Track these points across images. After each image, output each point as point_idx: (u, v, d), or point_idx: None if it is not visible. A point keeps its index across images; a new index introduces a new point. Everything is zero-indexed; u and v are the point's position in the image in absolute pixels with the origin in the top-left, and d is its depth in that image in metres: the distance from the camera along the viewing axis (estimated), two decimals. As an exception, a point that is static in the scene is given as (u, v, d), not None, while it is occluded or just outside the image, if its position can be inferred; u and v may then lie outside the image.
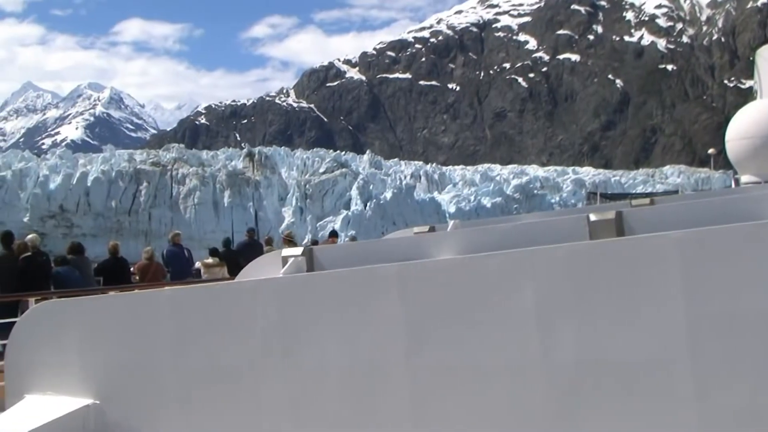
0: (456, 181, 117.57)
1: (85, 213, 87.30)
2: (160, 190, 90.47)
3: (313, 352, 3.36)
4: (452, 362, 3.09)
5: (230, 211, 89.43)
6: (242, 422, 3.54)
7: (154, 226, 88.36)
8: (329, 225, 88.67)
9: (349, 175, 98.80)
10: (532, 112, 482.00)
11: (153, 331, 3.89)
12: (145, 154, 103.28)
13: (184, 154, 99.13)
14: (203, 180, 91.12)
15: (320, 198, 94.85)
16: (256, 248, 19.76)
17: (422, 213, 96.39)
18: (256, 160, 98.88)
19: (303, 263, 4.30)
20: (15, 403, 4.23)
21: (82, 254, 16.67)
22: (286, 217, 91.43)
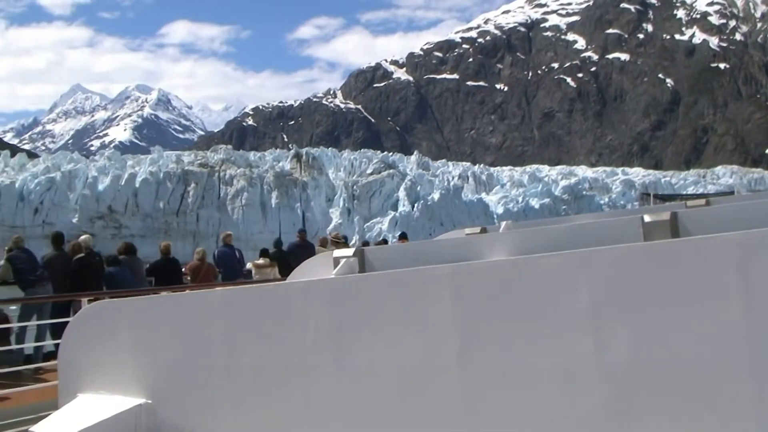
0: (504, 182, 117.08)
1: (134, 214, 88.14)
2: (208, 191, 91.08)
3: (365, 354, 3.33)
4: (505, 364, 3.05)
5: (277, 212, 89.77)
6: (292, 423, 3.53)
7: (202, 227, 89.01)
8: (376, 226, 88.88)
9: (397, 176, 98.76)
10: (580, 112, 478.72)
11: (204, 331, 3.89)
12: (193, 156, 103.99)
13: (231, 156, 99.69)
14: (251, 181, 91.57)
15: (367, 199, 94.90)
16: (307, 249, 19.78)
17: (470, 214, 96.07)
18: (304, 161, 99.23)
19: (355, 264, 4.28)
20: (68, 402, 4.26)
21: (134, 254, 16.84)
22: (334, 218, 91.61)
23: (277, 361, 3.58)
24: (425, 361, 3.19)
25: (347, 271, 4.21)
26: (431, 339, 3.18)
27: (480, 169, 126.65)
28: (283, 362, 3.57)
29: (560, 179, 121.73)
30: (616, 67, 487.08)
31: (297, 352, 3.52)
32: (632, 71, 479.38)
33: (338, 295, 3.49)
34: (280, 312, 3.61)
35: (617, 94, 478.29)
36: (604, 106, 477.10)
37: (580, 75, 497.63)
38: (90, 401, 4.19)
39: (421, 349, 3.21)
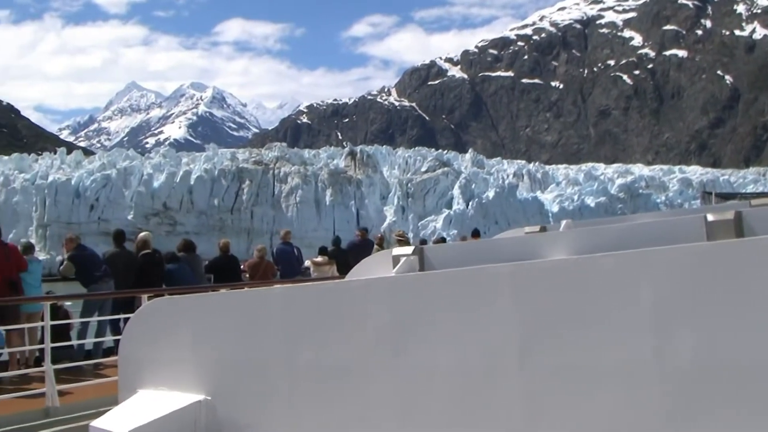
0: (559, 181, 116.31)
1: (188, 211, 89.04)
2: (263, 188, 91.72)
3: (425, 352, 3.30)
4: (566, 365, 3.00)
5: (332, 209, 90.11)
6: (350, 420, 3.51)
7: (257, 225, 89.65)
8: (431, 224, 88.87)
9: (451, 174, 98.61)
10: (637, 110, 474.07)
11: (264, 328, 3.89)
12: (248, 153, 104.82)
13: (286, 153, 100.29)
14: (305, 178, 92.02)
15: (422, 197, 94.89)
16: (367, 247, 19.75)
17: (525, 212, 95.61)
18: (358, 159, 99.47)
19: (416, 262, 4.26)
20: (128, 398, 4.29)
21: (194, 252, 16.98)
22: (388, 216, 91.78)
23: (336, 359, 3.57)
24: (485, 360, 3.16)
25: (407, 270, 4.18)
26: (492, 338, 3.15)
27: (535, 167, 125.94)
28: (342, 360, 3.56)
29: (616, 177, 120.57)
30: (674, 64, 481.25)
31: (356, 350, 3.50)
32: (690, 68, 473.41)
33: (398, 293, 3.46)
34: (339, 310, 3.60)
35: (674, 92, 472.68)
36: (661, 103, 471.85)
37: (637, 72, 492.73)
38: (150, 397, 4.21)
39: (482, 348, 3.17)
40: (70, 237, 15.23)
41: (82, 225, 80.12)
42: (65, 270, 14.44)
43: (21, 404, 10.45)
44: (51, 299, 11.99)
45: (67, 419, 9.74)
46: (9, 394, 10.86)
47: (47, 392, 10.28)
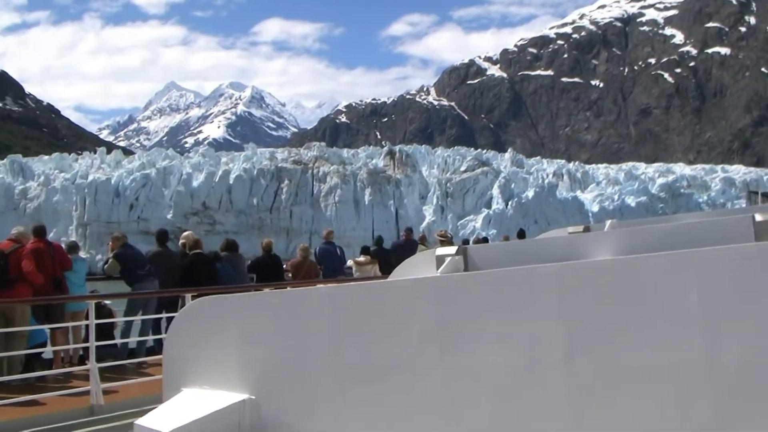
0: (599, 180, 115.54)
1: (227, 210, 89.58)
2: (302, 188, 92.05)
3: (470, 352, 3.29)
4: (612, 365, 2.97)
5: (371, 209, 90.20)
6: (395, 420, 3.51)
7: (295, 224, 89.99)
8: (470, 224, 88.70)
9: (491, 174, 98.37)
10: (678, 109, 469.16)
11: (309, 327, 3.89)
12: (287, 153, 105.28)
13: (325, 153, 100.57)
14: (344, 178, 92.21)
15: (461, 196, 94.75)
16: (411, 247, 19.64)
17: (564, 212, 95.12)
18: (397, 159, 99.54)
19: (460, 262, 4.25)
20: (172, 396, 4.31)
21: (237, 251, 17.04)
22: (427, 215, 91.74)
23: (381, 358, 3.57)
24: (531, 361, 3.14)
25: (452, 270, 4.16)
26: (537, 339, 3.13)
27: (575, 166, 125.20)
28: (387, 360, 3.55)
29: (657, 177, 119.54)
30: (716, 62, 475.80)
31: (401, 350, 3.50)
32: (733, 65, 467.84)
33: (444, 293, 3.45)
34: (384, 310, 3.60)
35: (717, 90, 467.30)
36: (703, 101, 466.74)
37: (679, 70, 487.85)
38: (194, 396, 4.23)
39: (528, 348, 3.16)
40: (116, 236, 15.35)
41: (121, 224, 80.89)
42: (110, 268, 14.56)
43: (66, 402, 10.52)
44: (96, 298, 12.09)
45: (111, 417, 9.82)
46: (54, 392, 10.95)
47: (92, 390, 10.36)
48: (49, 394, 10.92)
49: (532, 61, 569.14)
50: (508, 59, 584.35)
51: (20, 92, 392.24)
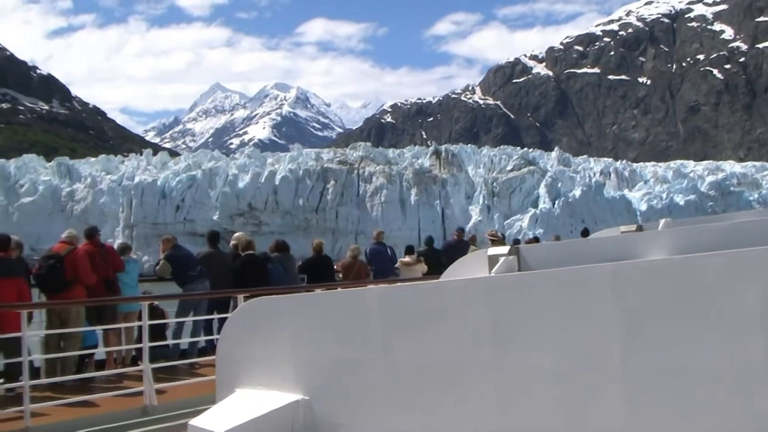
0: (647, 179, 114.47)
1: (273, 211, 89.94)
2: (347, 188, 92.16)
3: (524, 353, 3.28)
4: (669, 366, 2.94)
5: (417, 209, 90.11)
6: (449, 421, 3.51)
7: (341, 224, 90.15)
8: (516, 223, 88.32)
9: (537, 173, 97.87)
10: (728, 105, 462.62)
11: (362, 328, 3.90)
12: (332, 153, 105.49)
13: (370, 153, 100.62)
14: (390, 178, 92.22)
15: (507, 196, 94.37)
16: (462, 248, 19.55)
17: (612, 211, 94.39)
18: (443, 158, 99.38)
19: (514, 262, 4.23)
20: (226, 397, 4.35)
21: (287, 252, 17.10)
22: (473, 215, 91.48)
23: (435, 359, 3.57)
24: (586, 361, 3.12)
25: (506, 270, 4.15)
26: (593, 339, 3.11)
27: (622, 165, 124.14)
28: (440, 360, 3.55)
29: (706, 175, 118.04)
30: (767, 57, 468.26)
31: (455, 350, 3.49)
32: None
33: (497, 293, 3.44)
34: (437, 310, 3.59)
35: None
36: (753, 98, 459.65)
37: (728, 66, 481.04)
38: (247, 396, 4.26)
39: (583, 348, 3.14)
40: (166, 237, 15.50)
41: (167, 226, 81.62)
42: (161, 270, 14.71)
43: (119, 403, 10.65)
44: (149, 299, 12.22)
45: (165, 418, 9.90)
46: (107, 392, 11.08)
47: (145, 391, 10.46)
48: (102, 394, 11.06)
49: (578, 59, 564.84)
50: (553, 57, 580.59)
51: (67, 95, 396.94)
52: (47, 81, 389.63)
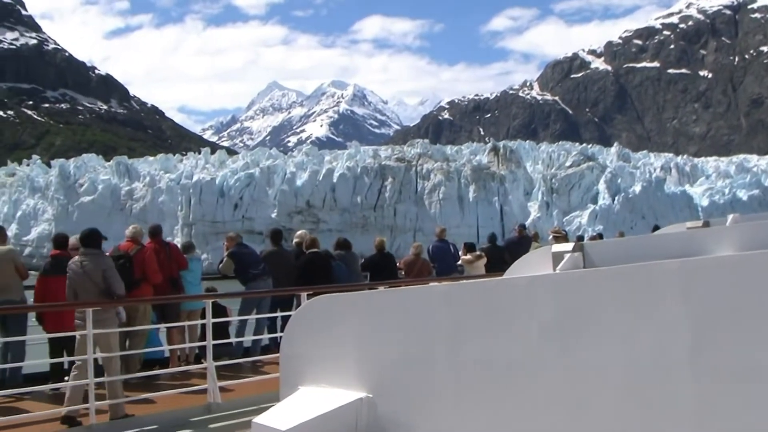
0: (709, 173, 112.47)
1: (331, 209, 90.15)
2: (405, 185, 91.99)
3: (591, 350, 3.25)
4: (740, 363, 2.90)
5: (475, 205, 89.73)
6: (515, 419, 3.49)
7: (399, 222, 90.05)
8: (576, 220, 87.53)
9: (596, 169, 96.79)
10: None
11: (427, 325, 3.90)
12: (390, 150, 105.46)
13: (428, 150, 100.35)
14: (448, 175, 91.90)
15: (566, 192, 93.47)
16: (524, 244, 19.64)
17: (673, 207, 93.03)
18: (501, 155, 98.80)
19: (579, 259, 4.20)
20: (290, 394, 4.37)
21: (350, 249, 17.15)
22: (532, 211, 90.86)
23: (500, 356, 3.55)
24: (654, 359, 3.08)
25: (571, 267, 4.12)
26: (661, 336, 3.07)
27: (683, 159, 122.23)
28: (506, 358, 3.54)
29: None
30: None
31: (521, 347, 3.48)
32: None
33: (563, 290, 3.42)
34: (503, 307, 3.58)
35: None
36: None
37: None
38: (311, 394, 4.28)
39: (651, 346, 3.10)
40: (230, 235, 15.62)
41: (226, 224, 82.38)
42: (225, 267, 14.84)
43: (184, 400, 10.77)
44: (212, 297, 12.32)
45: (229, 415, 10.00)
46: (172, 390, 11.21)
47: (209, 388, 10.58)
48: (167, 392, 11.19)
49: (637, 53, 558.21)
50: (612, 52, 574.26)
51: (125, 95, 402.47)
52: (106, 81, 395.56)
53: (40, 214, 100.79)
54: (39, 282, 12.08)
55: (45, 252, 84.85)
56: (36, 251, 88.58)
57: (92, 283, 10.57)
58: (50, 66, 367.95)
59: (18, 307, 12.04)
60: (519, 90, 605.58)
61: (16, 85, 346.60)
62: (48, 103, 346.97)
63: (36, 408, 10.20)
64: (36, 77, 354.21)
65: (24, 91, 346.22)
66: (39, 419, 9.60)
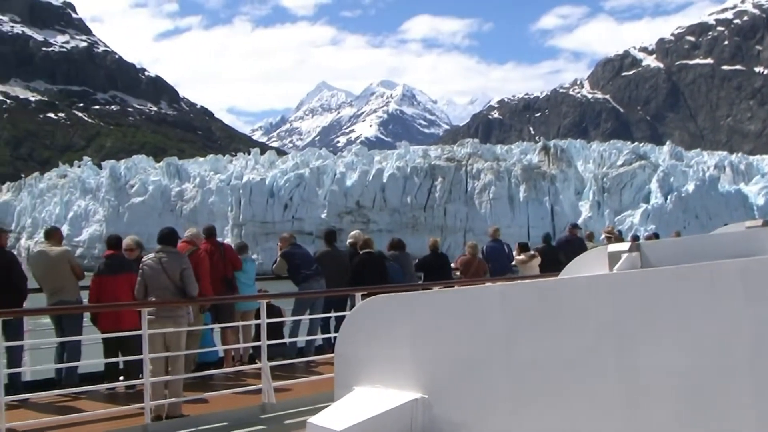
0: (765, 172, 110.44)
1: (381, 209, 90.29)
2: (455, 185, 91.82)
3: (651, 352, 3.22)
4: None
5: (525, 205, 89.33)
6: (572, 421, 3.47)
7: (449, 222, 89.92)
8: (628, 219, 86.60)
9: (648, 168, 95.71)
10: None
11: (483, 326, 3.88)
12: (440, 150, 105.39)
13: (478, 149, 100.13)
14: (498, 174, 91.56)
15: (618, 191, 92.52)
16: (578, 244, 19.56)
17: (727, 206, 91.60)
18: (552, 154, 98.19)
19: (637, 259, 4.17)
20: (344, 395, 4.39)
21: (404, 250, 17.12)
22: (583, 211, 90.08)
23: (557, 357, 3.54)
24: (715, 360, 3.05)
25: (629, 267, 4.11)
26: (722, 337, 3.04)
27: (738, 158, 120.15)
28: (563, 358, 3.52)
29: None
30: None
31: (579, 348, 3.46)
32: None
33: (622, 290, 3.40)
34: (560, 307, 3.56)
35: None
36: None
37: None
38: (366, 394, 4.29)
39: (711, 347, 3.07)
40: (284, 236, 15.70)
41: (276, 224, 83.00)
42: (278, 267, 14.92)
43: (238, 400, 10.85)
44: (267, 297, 12.40)
45: (283, 416, 10.06)
46: (226, 390, 11.30)
47: (263, 389, 10.64)
48: (221, 392, 11.29)
49: (690, 49, 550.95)
50: (664, 49, 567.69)
51: (175, 96, 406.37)
52: (155, 83, 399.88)
53: (91, 215, 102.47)
54: (94, 282, 12.21)
55: (96, 253, 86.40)
56: (87, 252, 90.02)
57: (170, 280, 10.80)
58: (100, 68, 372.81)
59: (76, 307, 12.25)
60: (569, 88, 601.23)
61: (67, 88, 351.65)
62: (98, 105, 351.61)
63: (91, 407, 10.30)
64: (86, 79, 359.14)
65: (75, 93, 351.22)
66: (94, 418, 9.72)
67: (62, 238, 13.53)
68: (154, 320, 10.39)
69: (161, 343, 10.41)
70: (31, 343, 12.60)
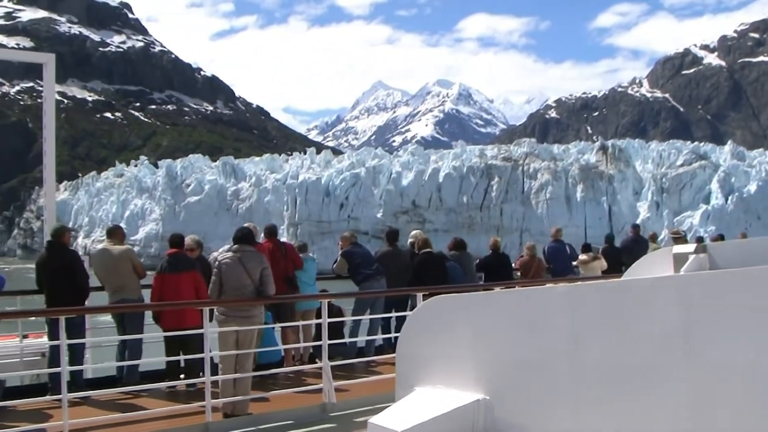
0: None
1: (437, 208, 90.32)
2: (512, 185, 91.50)
3: (719, 353, 3.20)
4: None
5: (583, 205, 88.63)
6: (639, 422, 3.45)
7: (506, 222, 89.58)
8: (687, 220, 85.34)
9: (709, 168, 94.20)
10: None
11: (545, 327, 3.88)
12: (496, 149, 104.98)
13: (535, 149, 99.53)
14: (555, 174, 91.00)
15: (677, 192, 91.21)
16: (641, 245, 19.38)
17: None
18: (610, 154, 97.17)
19: (705, 261, 4.14)
20: (406, 395, 4.40)
21: (465, 250, 17.02)
22: (641, 212, 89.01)
23: (623, 358, 3.52)
24: None
25: (696, 268, 4.07)
26: None
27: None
28: (627, 360, 3.50)
29: None
30: None
31: (644, 349, 3.44)
32: None
33: (689, 292, 3.37)
34: (625, 309, 3.55)
35: None
36: None
37: None
38: (427, 395, 4.30)
39: None
40: (345, 235, 15.70)
41: (332, 223, 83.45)
42: (339, 267, 14.96)
43: (299, 399, 10.91)
44: (328, 297, 12.46)
45: (344, 415, 10.08)
46: (286, 389, 11.35)
47: (324, 388, 10.67)
48: (282, 391, 11.35)
49: (753, 47, 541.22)
50: (726, 46, 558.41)
51: (230, 95, 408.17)
52: (211, 82, 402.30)
53: (147, 214, 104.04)
54: (156, 280, 12.32)
55: (152, 251, 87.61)
56: (144, 251, 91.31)
57: (250, 279, 10.89)
58: (156, 68, 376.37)
59: (138, 305, 12.42)
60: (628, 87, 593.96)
61: (123, 87, 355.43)
62: (155, 105, 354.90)
63: (152, 405, 10.43)
64: (143, 79, 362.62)
65: (131, 93, 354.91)
66: (155, 416, 9.83)
67: (124, 237, 13.73)
68: (224, 320, 10.60)
69: (233, 342, 10.56)
70: (92, 341, 12.75)
